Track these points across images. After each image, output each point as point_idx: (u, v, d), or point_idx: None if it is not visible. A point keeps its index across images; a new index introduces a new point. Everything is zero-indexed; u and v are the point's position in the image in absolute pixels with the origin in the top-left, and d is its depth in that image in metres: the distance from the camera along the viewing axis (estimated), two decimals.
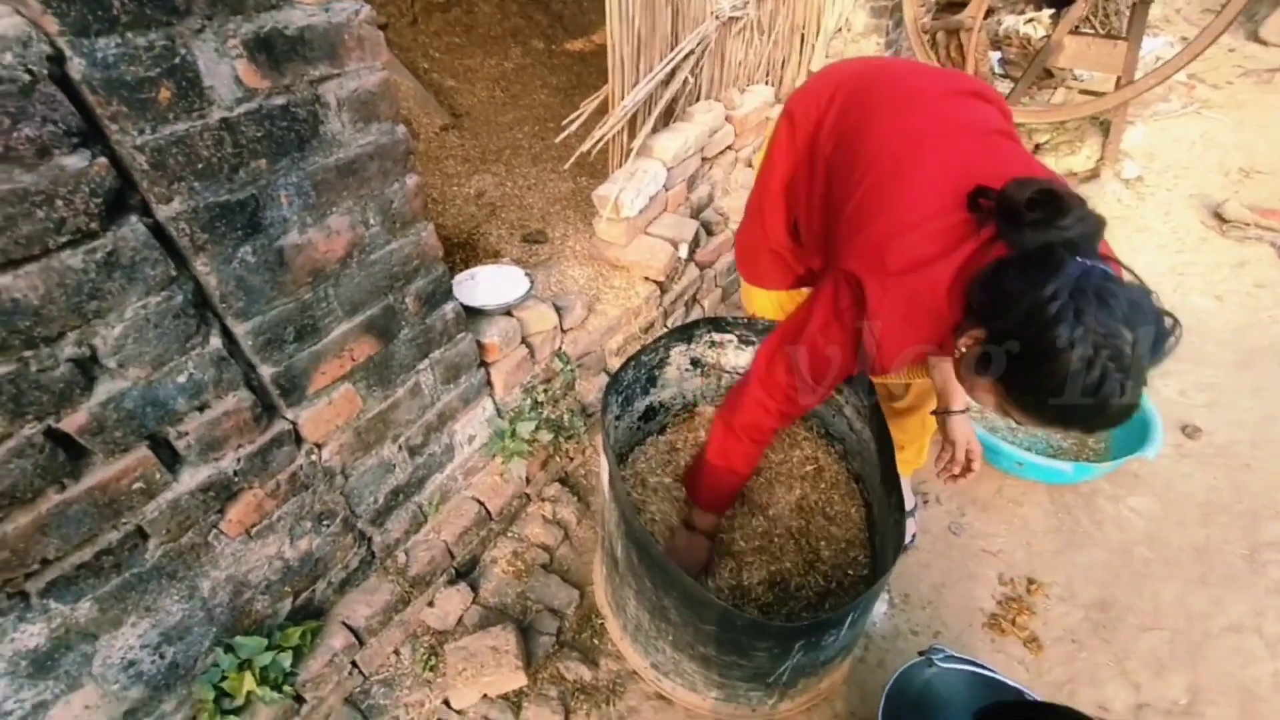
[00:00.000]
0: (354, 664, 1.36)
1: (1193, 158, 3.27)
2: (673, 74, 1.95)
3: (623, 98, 1.81)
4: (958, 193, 0.90)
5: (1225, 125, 3.52)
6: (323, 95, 0.94)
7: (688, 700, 1.34)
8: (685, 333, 1.51)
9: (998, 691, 1.17)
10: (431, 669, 1.41)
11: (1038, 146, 3.19)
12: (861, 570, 1.36)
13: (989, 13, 3.27)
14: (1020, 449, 1.72)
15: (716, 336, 1.55)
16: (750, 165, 2.48)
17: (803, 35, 2.66)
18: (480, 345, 1.46)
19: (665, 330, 2.09)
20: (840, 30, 2.99)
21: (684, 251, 1.99)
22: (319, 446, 1.17)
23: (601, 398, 1.33)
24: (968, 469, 1.28)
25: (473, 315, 1.49)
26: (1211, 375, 2.12)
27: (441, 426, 1.43)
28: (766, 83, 2.54)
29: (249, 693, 1.13)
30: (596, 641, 1.48)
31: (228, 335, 0.97)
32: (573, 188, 2.40)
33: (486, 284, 1.63)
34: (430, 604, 1.48)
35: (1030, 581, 1.60)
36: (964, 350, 0.88)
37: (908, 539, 1.67)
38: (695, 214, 2.20)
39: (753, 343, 1.53)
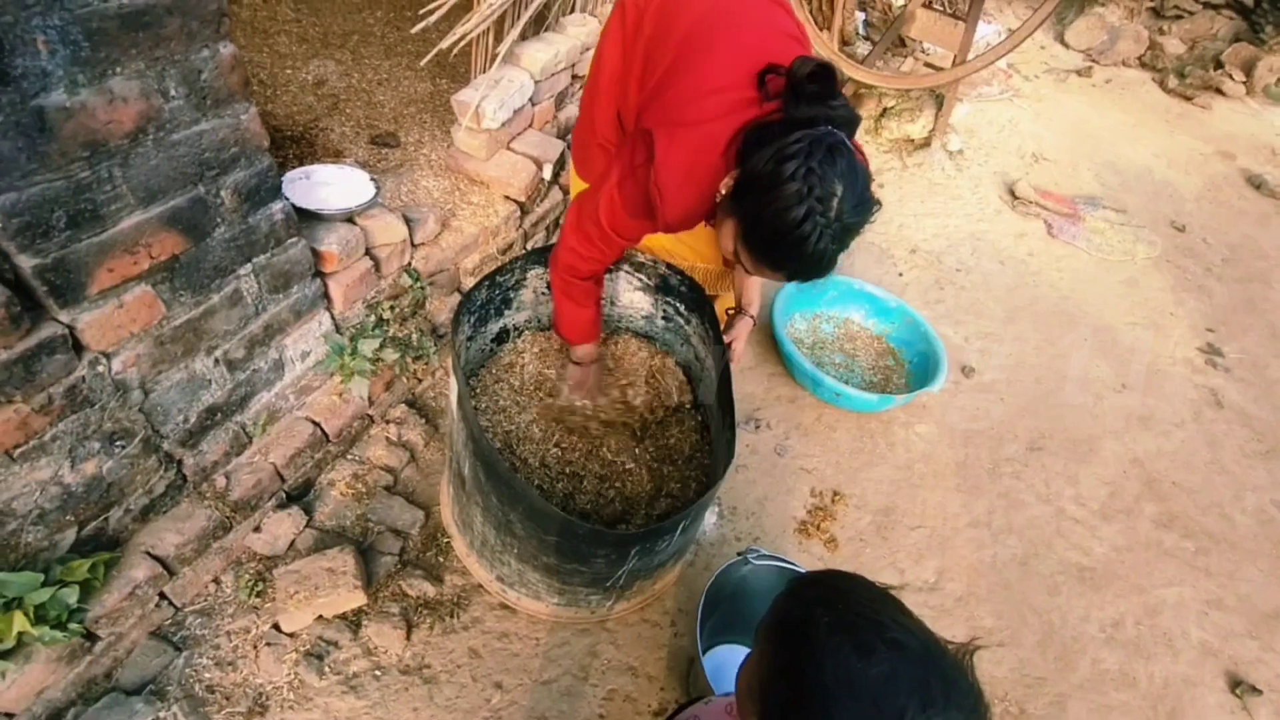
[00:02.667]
0: (163, 595, 1.24)
1: (1000, 139, 3.77)
2: None
3: None
4: (751, 71, 1.00)
5: (1028, 114, 4.08)
6: None
7: (531, 608, 1.41)
8: (543, 255, 1.49)
9: None
10: (259, 595, 1.33)
11: (885, 110, 3.47)
12: (694, 485, 1.50)
13: None
14: (840, 382, 1.97)
15: None
16: None
17: None
18: (316, 253, 1.33)
19: (524, 252, 2.04)
20: None
21: (548, 172, 1.93)
22: (107, 356, 1.01)
23: (452, 317, 1.28)
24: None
25: (308, 220, 1.34)
26: (988, 326, 2.55)
27: (268, 340, 1.30)
28: None
29: (20, 633, 0.99)
30: (441, 559, 1.49)
31: None
32: (431, 89, 2.18)
33: (325, 185, 1.46)
34: (257, 529, 1.39)
35: (835, 494, 1.87)
36: (724, 191, 1.00)
37: None
38: (562, 135, 2.13)
39: (611, 271, 1.55)
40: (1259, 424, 2.40)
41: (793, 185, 0.87)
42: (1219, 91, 4.72)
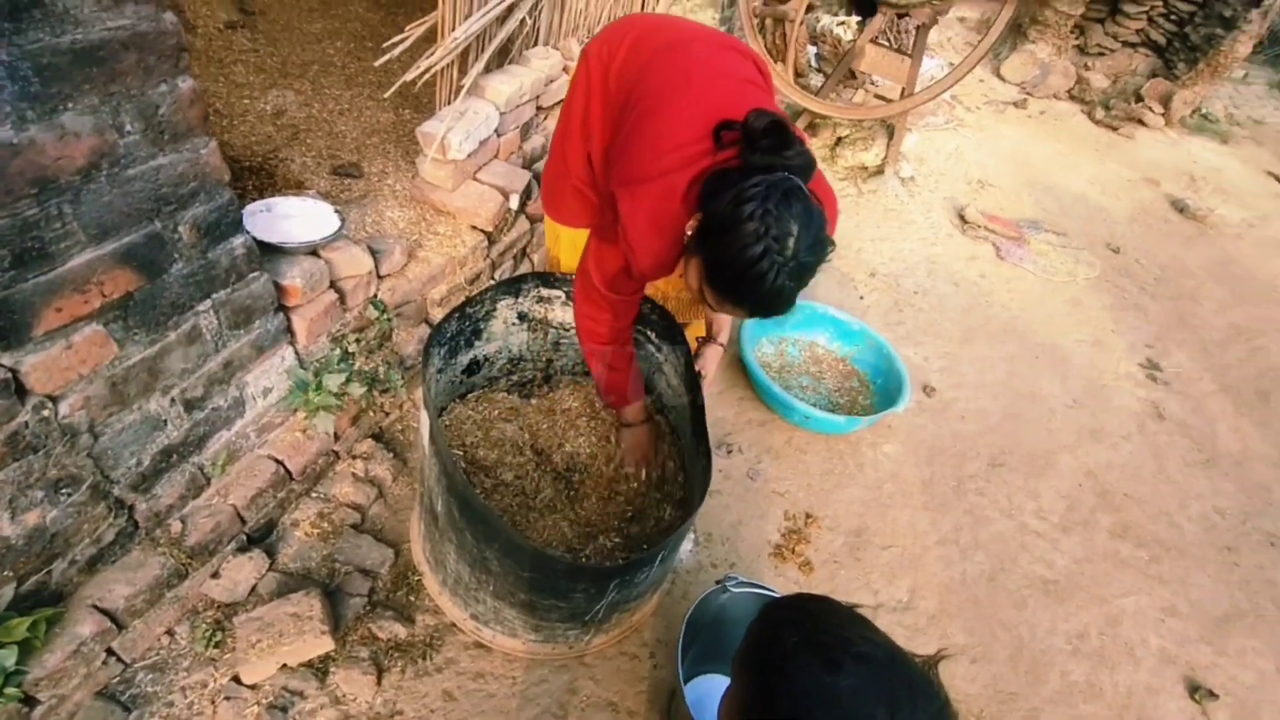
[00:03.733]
0: (110, 651, 1.17)
1: (948, 166, 3.96)
2: (510, 11, 1.84)
3: (454, 28, 1.67)
4: (708, 125, 1.05)
5: (972, 142, 4.31)
6: None
7: (507, 645, 1.38)
8: (513, 286, 1.48)
9: None
10: (216, 645, 1.26)
11: (840, 139, 3.62)
12: (667, 512, 1.49)
13: (810, 8, 3.58)
14: (808, 405, 2.00)
15: (545, 291, 1.55)
16: None
17: None
18: (279, 287, 1.29)
19: (493, 282, 2.03)
20: None
21: (515, 202, 1.94)
22: (54, 400, 0.96)
23: (423, 349, 1.27)
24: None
25: (270, 253, 1.31)
26: (946, 346, 2.64)
27: (228, 377, 1.25)
28: None
29: None
30: (412, 599, 1.44)
31: None
32: (393, 119, 2.18)
33: (287, 218, 1.43)
34: (215, 575, 1.32)
35: (808, 516, 1.89)
36: (689, 233, 1.05)
37: None
38: (527, 165, 2.14)
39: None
40: (1197, 434, 2.54)
41: (750, 225, 0.92)
42: (1141, 123, 5.07)
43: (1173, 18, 5.05)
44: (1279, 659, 1.85)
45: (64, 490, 1.03)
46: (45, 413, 0.95)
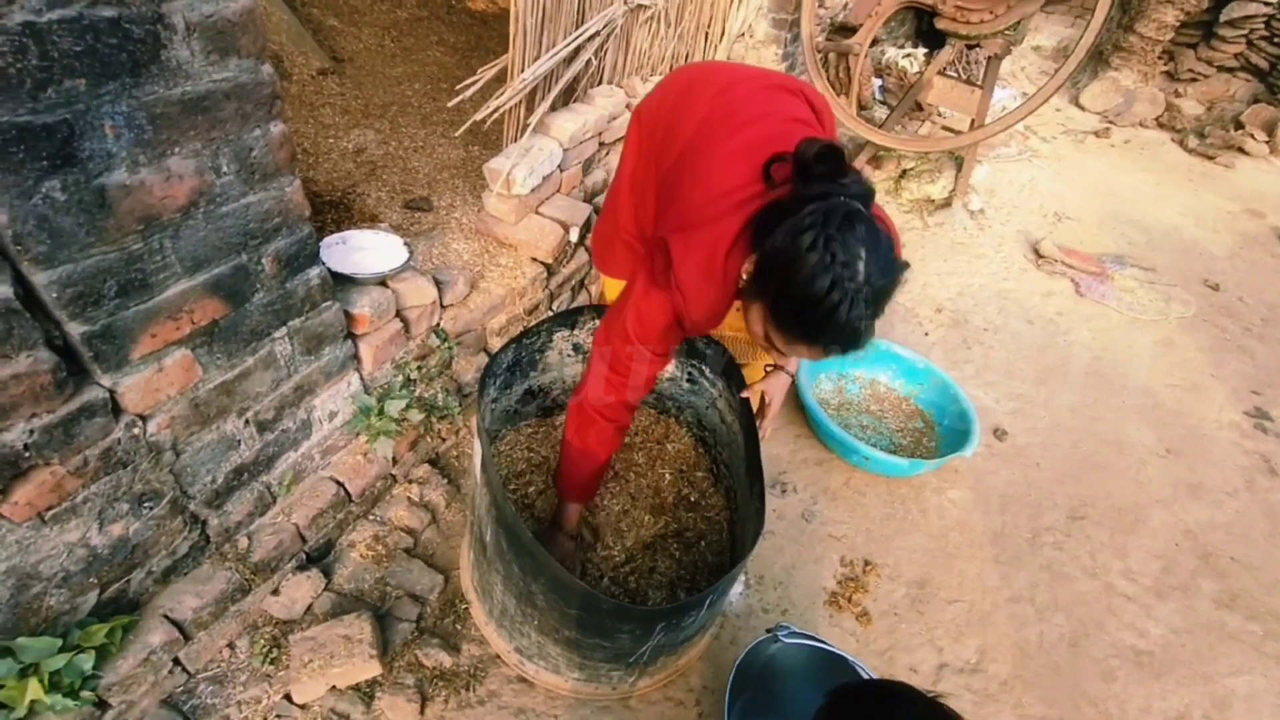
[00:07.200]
0: (177, 661, 1.22)
1: (1021, 199, 3.79)
2: (576, 53, 1.91)
3: (523, 69, 1.74)
4: (757, 166, 1.02)
5: (1047, 174, 4.12)
6: (167, 15, 0.82)
7: (550, 682, 1.35)
8: (569, 318, 1.50)
9: (833, 662, 1.31)
10: (272, 662, 1.30)
11: (905, 172, 3.53)
12: (719, 553, 1.45)
13: (874, 42, 3.55)
14: (867, 445, 1.92)
15: (599, 324, 1.55)
16: None
17: (707, 34, 2.72)
18: (349, 316, 1.35)
19: (550, 314, 2.07)
20: (743, 35, 3.10)
21: (574, 235, 1.98)
22: (144, 419, 1.03)
23: (479, 379, 1.29)
24: (762, 414, 1.44)
25: (342, 283, 1.38)
26: (1019, 387, 2.49)
27: (299, 401, 1.31)
28: None
29: (33, 701, 0.97)
30: (459, 627, 1.45)
31: (22, 283, 0.81)
32: (463, 156, 2.28)
33: (360, 250, 1.51)
34: (275, 592, 1.37)
35: (866, 563, 1.79)
36: (745, 277, 0.99)
37: None
38: (588, 198, 2.19)
39: None
40: None
41: (813, 256, 0.86)
42: (1241, 151, 4.72)
43: (1276, 40, 4.71)
44: None
45: (147, 504, 1.09)
46: (135, 430, 1.02)
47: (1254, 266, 3.55)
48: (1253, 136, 4.75)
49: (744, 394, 1.38)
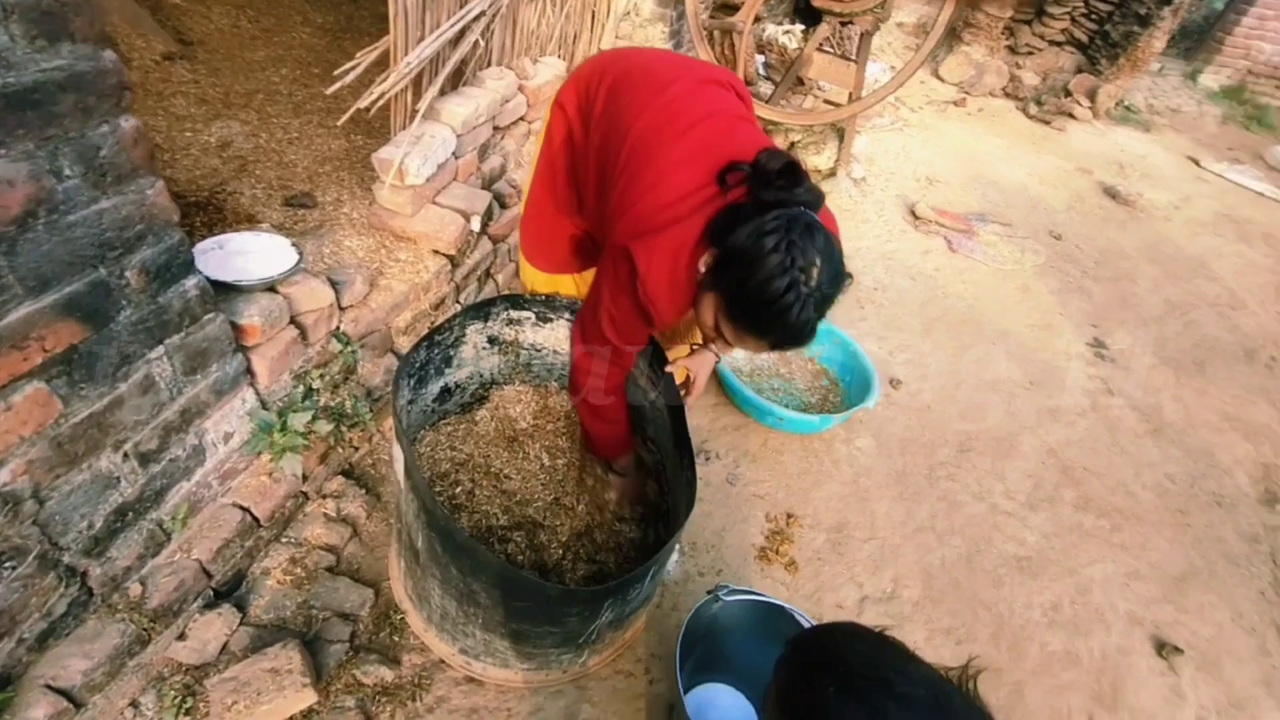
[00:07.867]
0: None
1: (897, 165, 4.10)
2: (462, 35, 1.83)
3: (406, 53, 1.65)
4: (709, 170, 1.06)
5: (917, 141, 4.47)
6: None
7: (499, 677, 1.34)
8: (482, 310, 1.46)
9: (770, 611, 1.38)
10: (187, 713, 1.19)
11: (792, 144, 3.70)
12: (646, 530, 1.48)
13: (757, 19, 3.66)
14: (781, 406, 2.03)
15: (514, 314, 1.53)
16: None
17: (594, 13, 2.69)
18: (236, 327, 1.24)
19: (459, 307, 2.00)
20: (629, 13, 3.09)
21: (476, 224, 1.91)
22: None
23: (392, 381, 1.23)
24: (687, 390, 1.53)
25: (225, 292, 1.26)
26: (908, 339, 2.72)
27: (186, 425, 1.19)
28: (559, 56, 2.52)
29: None
30: (397, 639, 1.40)
31: None
32: (346, 146, 2.13)
33: (242, 254, 1.38)
34: (181, 637, 1.25)
35: (789, 516, 1.90)
36: (702, 269, 1.05)
37: None
38: (487, 185, 2.12)
39: (550, 320, 1.54)
40: (1144, 407, 2.67)
41: (775, 257, 0.92)
42: (1071, 116, 5.35)
43: (1093, 17, 5.35)
44: (1233, 611, 1.96)
45: (7, 564, 0.96)
46: None
47: (1086, 218, 4.07)
48: (1079, 103, 5.39)
49: (668, 369, 1.42)
